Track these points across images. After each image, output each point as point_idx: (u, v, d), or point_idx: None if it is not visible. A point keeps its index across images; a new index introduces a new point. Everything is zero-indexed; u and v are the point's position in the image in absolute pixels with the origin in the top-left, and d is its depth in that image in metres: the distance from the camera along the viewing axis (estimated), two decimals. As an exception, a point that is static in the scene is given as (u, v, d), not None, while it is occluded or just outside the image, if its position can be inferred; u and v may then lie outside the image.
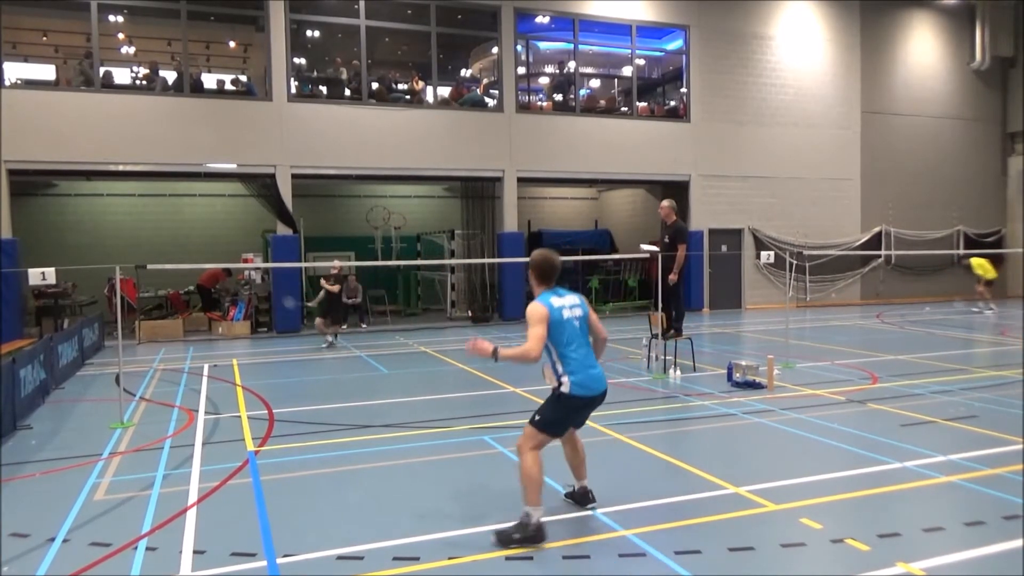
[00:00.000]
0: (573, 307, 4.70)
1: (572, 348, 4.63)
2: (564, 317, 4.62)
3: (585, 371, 4.62)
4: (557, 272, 4.77)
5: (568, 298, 4.72)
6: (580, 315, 4.72)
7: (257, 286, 17.05)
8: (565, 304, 4.67)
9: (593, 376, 4.66)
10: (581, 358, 4.64)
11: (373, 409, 8.63)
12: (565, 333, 4.62)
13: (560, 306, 4.64)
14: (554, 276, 4.76)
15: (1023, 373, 9.86)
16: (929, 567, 4.10)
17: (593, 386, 4.66)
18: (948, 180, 23.71)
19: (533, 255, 4.83)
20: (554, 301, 4.64)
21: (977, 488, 5.40)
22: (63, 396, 9.63)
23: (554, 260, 4.78)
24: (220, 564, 4.31)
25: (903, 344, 13.28)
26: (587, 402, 4.71)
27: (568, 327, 4.63)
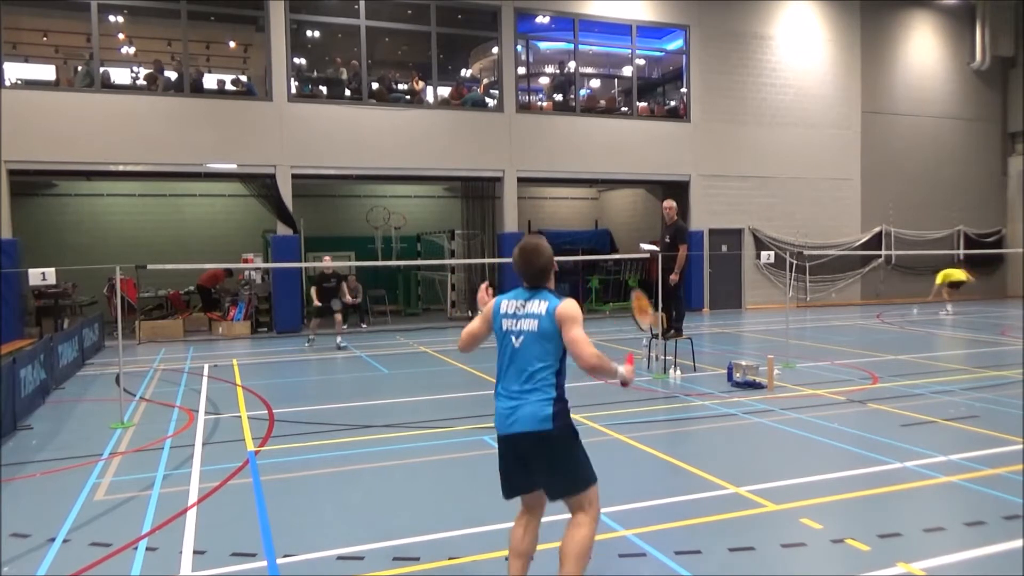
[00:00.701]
0: (524, 317, 3.58)
1: (502, 369, 3.64)
2: (503, 328, 3.62)
3: (499, 400, 3.59)
4: (532, 276, 3.64)
5: (530, 305, 3.59)
6: (528, 330, 3.55)
7: (257, 286, 17.05)
8: (515, 312, 3.61)
9: (501, 411, 3.55)
10: (503, 382, 3.60)
11: (373, 409, 8.63)
12: (501, 347, 3.65)
13: (504, 313, 3.64)
14: (529, 278, 3.66)
15: (1023, 373, 9.86)
16: (929, 567, 4.10)
17: (499, 423, 3.58)
18: (948, 180, 23.71)
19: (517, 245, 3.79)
20: (504, 305, 3.66)
21: (977, 488, 5.40)
22: (63, 396, 9.63)
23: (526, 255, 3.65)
24: (220, 564, 4.31)
25: (903, 344, 13.28)
26: (502, 444, 3.61)
27: (502, 340, 3.63)
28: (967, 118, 24.02)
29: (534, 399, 3.51)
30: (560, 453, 3.54)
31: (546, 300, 3.57)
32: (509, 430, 3.53)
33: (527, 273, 3.65)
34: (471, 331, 3.79)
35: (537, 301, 3.58)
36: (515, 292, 3.70)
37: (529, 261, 3.64)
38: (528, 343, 3.54)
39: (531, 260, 3.64)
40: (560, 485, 3.58)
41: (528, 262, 3.64)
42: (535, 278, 3.64)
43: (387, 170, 17.94)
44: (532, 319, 3.55)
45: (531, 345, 3.54)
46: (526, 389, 3.52)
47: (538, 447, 3.51)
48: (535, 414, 3.48)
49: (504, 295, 3.72)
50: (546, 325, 3.52)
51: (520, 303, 3.63)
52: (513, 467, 3.62)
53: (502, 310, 3.65)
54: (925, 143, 23.40)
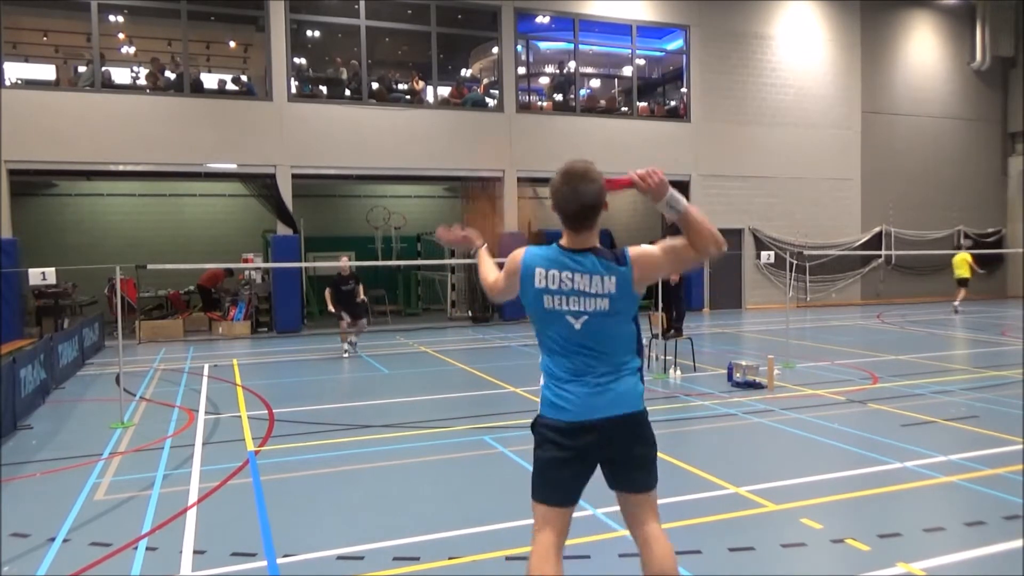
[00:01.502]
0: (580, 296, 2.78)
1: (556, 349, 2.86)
2: (545, 307, 2.81)
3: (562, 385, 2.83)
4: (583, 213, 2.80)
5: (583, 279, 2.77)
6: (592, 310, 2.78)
7: (257, 286, 17.05)
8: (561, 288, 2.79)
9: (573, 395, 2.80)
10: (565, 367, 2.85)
11: (373, 409, 8.63)
12: (548, 330, 2.87)
13: (543, 288, 2.81)
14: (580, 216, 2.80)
15: (1023, 373, 9.86)
16: (929, 567, 4.10)
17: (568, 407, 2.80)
18: (948, 180, 23.71)
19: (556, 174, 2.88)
20: (539, 274, 2.81)
21: (977, 488, 5.40)
22: (63, 396, 9.63)
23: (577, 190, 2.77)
24: (220, 564, 4.31)
25: (903, 344, 13.28)
26: (556, 434, 2.81)
27: (554, 324, 2.84)
28: (967, 118, 24.02)
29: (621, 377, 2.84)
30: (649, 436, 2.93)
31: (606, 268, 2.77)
32: (592, 415, 2.77)
33: (574, 211, 2.76)
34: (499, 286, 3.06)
35: (593, 274, 2.76)
36: (549, 252, 2.82)
37: (577, 191, 2.73)
38: (596, 325, 2.79)
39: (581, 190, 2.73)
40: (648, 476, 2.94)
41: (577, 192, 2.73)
42: (583, 218, 2.77)
43: (387, 170, 17.94)
44: (597, 298, 2.76)
45: (601, 326, 2.79)
46: (605, 372, 2.82)
47: (629, 431, 2.85)
48: (629, 392, 2.84)
49: (531, 256, 2.84)
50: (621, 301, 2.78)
51: (567, 275, 2.77)
52: (576, 465, 2.84)
53: (538, 283, 2.80)
54: (925, 143, 23.40)
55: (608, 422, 2.80)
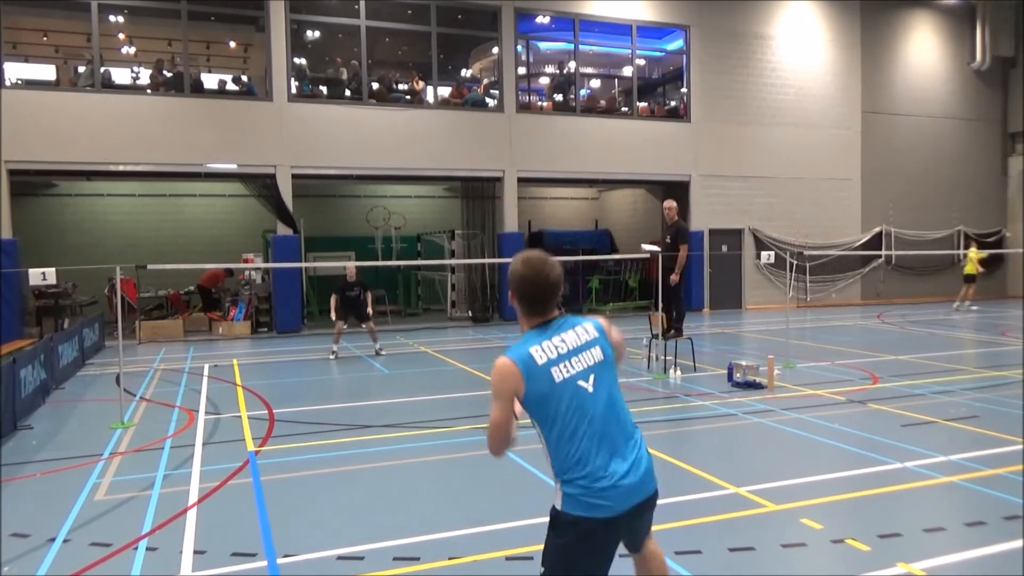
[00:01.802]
0: (579, 351, 2.75)
1: (571, 430, 2.65)
2: (556, 380, 2.66)
3: (594, 472, 2.62)
4: (552, 293, 2.81)
5: (570, 335, 2.77)
6: (593, 364, 2.75)
7: (257, 286, 17.05)
8: (561, 352, 2.72)
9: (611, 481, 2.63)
10: (587, 449, 2.64)
11: (373, 409, 8.63)
12: (561, 407, 2.66)
13: (547, 361, 2.68)
14: (544, 302, 2.81)
15: (1023, 373, 9.86)
16: (930, 567, 4.10)
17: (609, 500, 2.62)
18: (948, 180, 23.71)
19: (513, 267, 2.85)
20: (536, 353, 2.69)
21: (978, 488, 5.40)
22: (63, 396, 9.63)
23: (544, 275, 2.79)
24: (220, 564, 4.31)
25: (903, 344, 13.28)
26: (593, 530, 2.63)
27: (567, 396, 2.67)
28: (967, 118, 24.02)
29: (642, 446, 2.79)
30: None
31: (580, 323, 2.86)
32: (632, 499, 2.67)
33: (548, 290, 2.80)
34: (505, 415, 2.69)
35: (574, 329, 2.81)
36: (532, 336, 2.77)
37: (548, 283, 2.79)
38: (602, 381, 2.74)
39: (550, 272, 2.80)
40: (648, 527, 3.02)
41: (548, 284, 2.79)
42: (553, 296, 2.82)
43: (387, 170, 17.93)
44: (591, 348, 2.78)
45: (606, 381, 2.76)
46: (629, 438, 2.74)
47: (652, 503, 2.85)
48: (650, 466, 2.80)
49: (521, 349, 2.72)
50: (607, 350, 2.82)
51: (557, 340, 2.74)
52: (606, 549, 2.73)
53: (539, 360, 2.67)
54: (925, 143, 23.40)
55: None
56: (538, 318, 2.82)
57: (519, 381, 2.65)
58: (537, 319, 2.82)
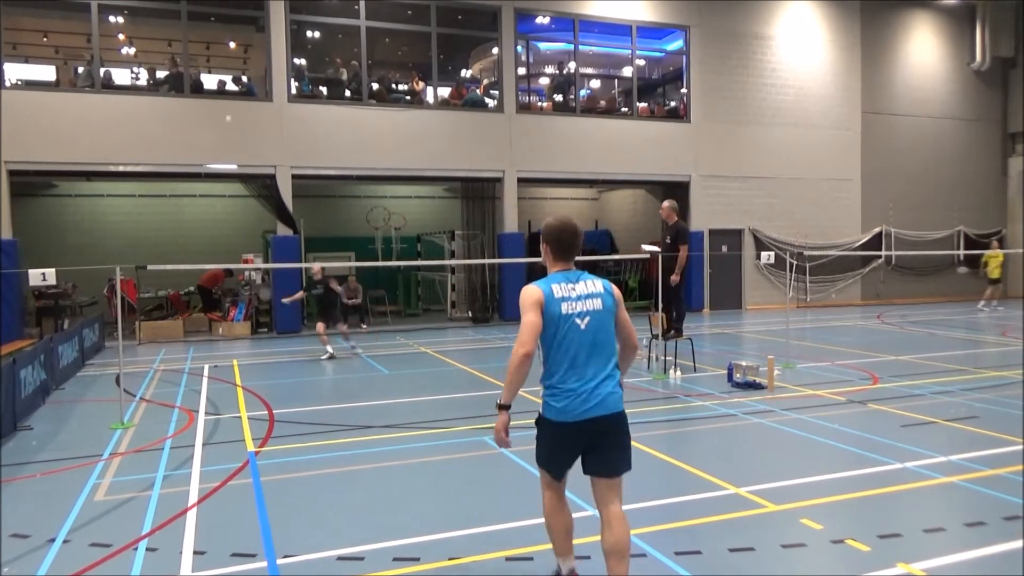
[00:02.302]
0: (583, 298, 3.54)
1: (561, 355, 3.52)
2: (562, 312, 3.50)
3: (565, 388, 3.50)
4: (578, 245, 3.66)
5: (581, 286, 3.57)
6: (593, 310, 3.54)
7: (257, 287, 17.05)
8: (571, 294, 3.54)
9: (579, 396, 3.48)
10: (569, 368, 3.51)
11: (373, 409, 8.63)
12: (557, 333, 3.51)
13: (562, 296, 3.53)
14: (571, 252, 3.66)
15: (1023, 373, 9.86)
16: (929, 568, 4.10)
17: (570, 408, 3.48)
18: (948, 180, 23.71)
19: (548, 222, 3.68)
20: (555, 288, 3.55)
21: (977, 489, 5.40)
22: (63, 397, 9.63)
23: (573, 228, 3.65)
24: (220, 565, 4.31)
25: (903, 344, 13.28)
26: (564, 431, 3.54)
27: (564, 325, 3.50)
28: (967, 118, 24.02)
29: (611, 379, 3.57)
30: (627, 431, 3.64)
31: (592, 279, 3.64)
32: (593, 413, 3.49)
33: (574, 249, 3.66)
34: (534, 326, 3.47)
35: (585, 281, 3.61)
36: (557, 275, 3.61)
37: (575, 235, 3.65)
38: (596, 323, 3.54)
39: (577, 234, 3.67)
40: (624, 462, 3.63)
41: (575, 236, 3.65)
42: (575, 247, 3.66)
43: (387, 170, 17.94)
44: (594, 298, 3.57)
45: (599, 324, 3.55)
46: (603, 369, 3.54)
47: (615, 427, 3.56)
48: (614, 394, 3.56)
49: (551, 279, 3.58)
50: (608, 302, 3.60)
51: (567, 285, 3.57)
52: (572, 452, 3.63)
53: (556, 294, 3.53)
54: (925, 143, 23.40)
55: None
56: (561, 264, 3.66)
57: (541, 301, 3.52)
58: (560, 264, 3.67)
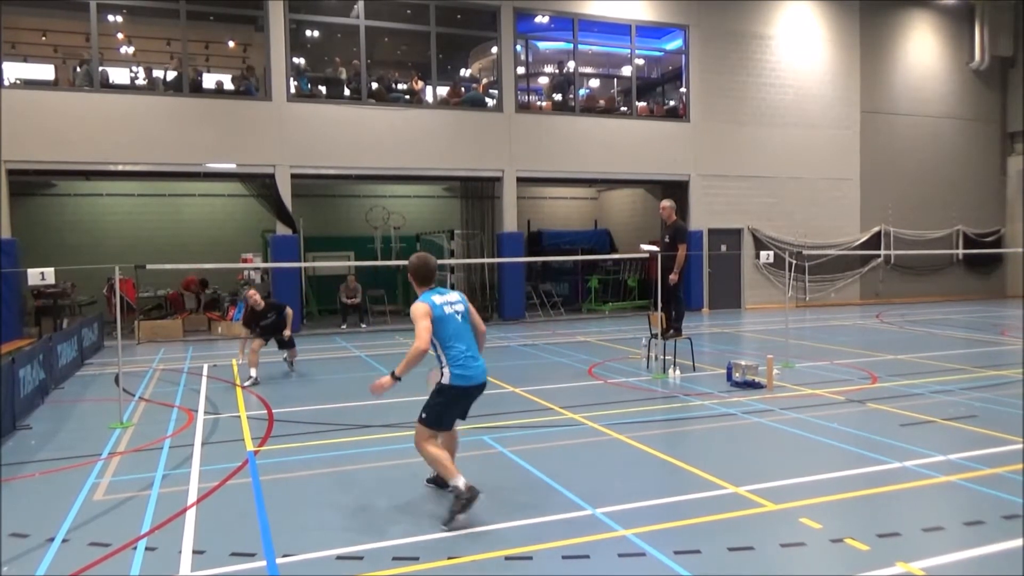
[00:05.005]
0: (454, 303, 5.13)
1: (454, 341, 5.05)
2: (446, 313, 5.05)
3: (466, 362, 5.05)
4: (434, 273, 5.24)
5: (449, 295, 5.17)
6: (462, 310, 5.16)
7: (257, 286, 17.02)
8: (447, 301, 5.11)
9: (474, 367, 5.08)
10: (464, 349, 5.06)
11: (373, 409, 8.62)
12: (448, 327, 5.04)
13: (442, 303, 5.07)
14: (432, 277, 5.23)
15: (1023, 373, 9.87)
16: (929, 567, 4.10)
17: (473, 376, 5.06)
18: (948, 180, 23.72)
19: (411, 260, 5.30)
20: (435, 299, 5.07)
21: (977, 488, 5.40)
22: (62, 396, 9.62)
23: (429, 262, 5.25)
24: (220, 564, 4.31)
25: (902, 344, 13.28)
26: (466, 391, 5.10)
27: (450, 321, 5.06)
28: (966, 118, 24.03)
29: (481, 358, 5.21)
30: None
31: (451, 292, 5.26)
32: (482, 379, 5.17)
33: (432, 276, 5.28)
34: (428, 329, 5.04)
35: (448, 293, 5.22)
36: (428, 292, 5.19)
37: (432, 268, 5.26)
38: (465, 320, 5.20)
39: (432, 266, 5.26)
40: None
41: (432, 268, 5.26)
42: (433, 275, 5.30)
43: (386, 170, 17.93)
44: (459, 303, 5.21)
45: (466, 321, 5.21)
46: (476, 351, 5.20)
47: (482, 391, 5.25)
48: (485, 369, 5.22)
49: (424, 296, 5.15)
50: (467, 306, 5.29)
51: (440, 295, 5.15)
52: (462, 406, 5.26)
53: (437, 301, 5.10)
54: (924, 143, 23.41)
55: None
56: (426, 285, 5.27)
57: (429, 309, 5.04)
58: (426, 286, 5.26)
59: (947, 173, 23.74)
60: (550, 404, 8.46)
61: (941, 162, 23.67)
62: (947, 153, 23.79)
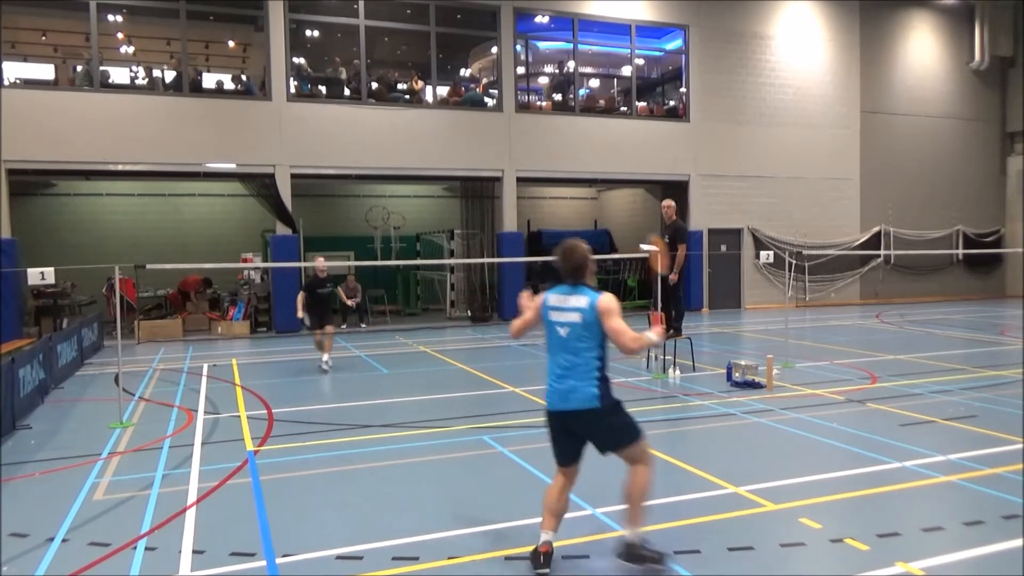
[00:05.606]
0: (568, 310, 4.15)
1: (551, 353, 4.25)
2: (549, 318, 4.23)
3: (551, 382, 4.21)
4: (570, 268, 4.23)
5: (572, 299, 4.15)
6: (572, 322, 4.13)
7: (257, 286, 17.04)
8: (559, 305, 4.19)
9: (554, 389, 4.17)
10: (553, 367, 4.22)
11: (373, 409, 8.63)
12: (549, 337, 4.27)
13: (552, 306, 4.22)
14: (567, 272, 4.24)
15: (1023, 373, 9.87)
16: (928, 567, 4.10)
17: (549, 400, 4.21)
18: (947, 180, 23.72)
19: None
20: (552, 299, 4.25)
21: (976, 488, 5.40)
22: (62, 396, 9.62)
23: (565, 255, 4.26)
24: (219, 564, 4.31)
25: (902, 344, 13.28)
26: (549, 416, 4.25)
27: (551, 332, 4.23)
28: (966, 118, 24.03)
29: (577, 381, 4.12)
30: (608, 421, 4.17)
31: (583, 293, 4.16)
32: (563, 407, 4.15)
33: (566, 270, 4.24)
34: (525, 320, 4.38)
35: (574, 296, 4.16)
36: (557, 288, 4.27)
37: (566, 259, 4.25)
38: (575, 335, 4.13)
39: (567, 258, 4.25)
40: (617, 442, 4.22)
41: (566, 260, 4.25)
42: (572, 275, 4.23)
43: (386, 170, 17.93)
44: (574, 314, 4.14)
45: (576, 336, 4.13)
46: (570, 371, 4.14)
47: (590, 421, 4.13)
48: (585, 395, 4.10)
49: (548, 292, 4.28)
50: (590, 319, 4.10)
51: (562, 296, 4.22)
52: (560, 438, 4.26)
53: (549, 303, 4.25)
54: (924, 143, 23.40)
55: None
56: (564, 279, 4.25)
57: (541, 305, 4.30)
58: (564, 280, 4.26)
59: (947, 173, 23.74)
60: (550, 404, 8.45)
61: (941, 162, 23.66)
62: (947, 153, 23.79)
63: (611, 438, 4.21)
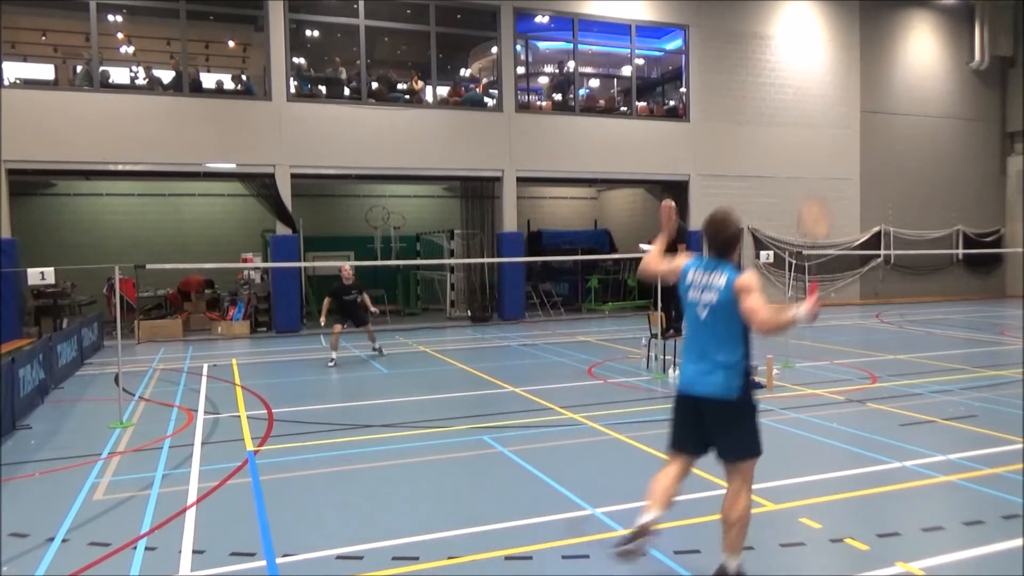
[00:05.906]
0: (705, 288, 3.82)
1: (689, 332, 3.91)
2: (689, 297, 3.90)
3: (684, 363, 3.91)
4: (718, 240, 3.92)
5: (713, 277, 3.81)
6: (710, 302, 3.79)
7: (256, 286, 17.04)
8: (697, 281, 3.86)
9: (687, 371, 3.87)
10: (689, 347, 3.90)
11: (373, 409, 8.63)
12: (688, 313, 3.92)
13: (690, 282, 3.89)
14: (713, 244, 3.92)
15: (1023, 373, 9.86)
16: (928, 567, 4.10)
17: (681, 382, 3.90)
18: (947, 180, 23.72)
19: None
20: (691, 274, 3.90)
21: (976, 488, 5.40)
22: (62, 396, 9.62)
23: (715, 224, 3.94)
24: (219, 564, 4.31)
25: (902, 344, 13.28)
26: (677, 400, 3.94)
27: (688, 309, 3.91)
28: (966, 118, 24.03)
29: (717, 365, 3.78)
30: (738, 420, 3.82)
31: (724, 271, 3.81)
32: (693, 391, 3.83)
33: (711, 243, 3.91)
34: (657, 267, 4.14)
35: (715, 272, 3.82)
36: (700, 260, 3.93)
37: (716, 231, 3.91)
38: (713, 315, 3.79)
39: (718, 231, 3.91)
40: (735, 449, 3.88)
41: (716, 232, 3.90)
42: (719, 249, 3.90)
43: (386, 170, 17.93)
44: (711, 292, 3.80)
45: (715, 316, 3.78)
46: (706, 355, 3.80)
47: (718, 411, 3.78)
48: (718, 381, 3.77)
49: (691, 262, 3.94)
50: (724, 299, 3.74)
51: (702, 272, 3.87)
52: (686, 426, 3.93)
53: (688, 278, 3.91)
54: (924, 143, 23.40)
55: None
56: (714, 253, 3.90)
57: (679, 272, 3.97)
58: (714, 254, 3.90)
59: (947, 173, 23.73)
60: (550, 404, 8.46)
61: (941, 162, 23.66)
62: (947, 153, 23.78)
63: (739, 443, 3.83)
